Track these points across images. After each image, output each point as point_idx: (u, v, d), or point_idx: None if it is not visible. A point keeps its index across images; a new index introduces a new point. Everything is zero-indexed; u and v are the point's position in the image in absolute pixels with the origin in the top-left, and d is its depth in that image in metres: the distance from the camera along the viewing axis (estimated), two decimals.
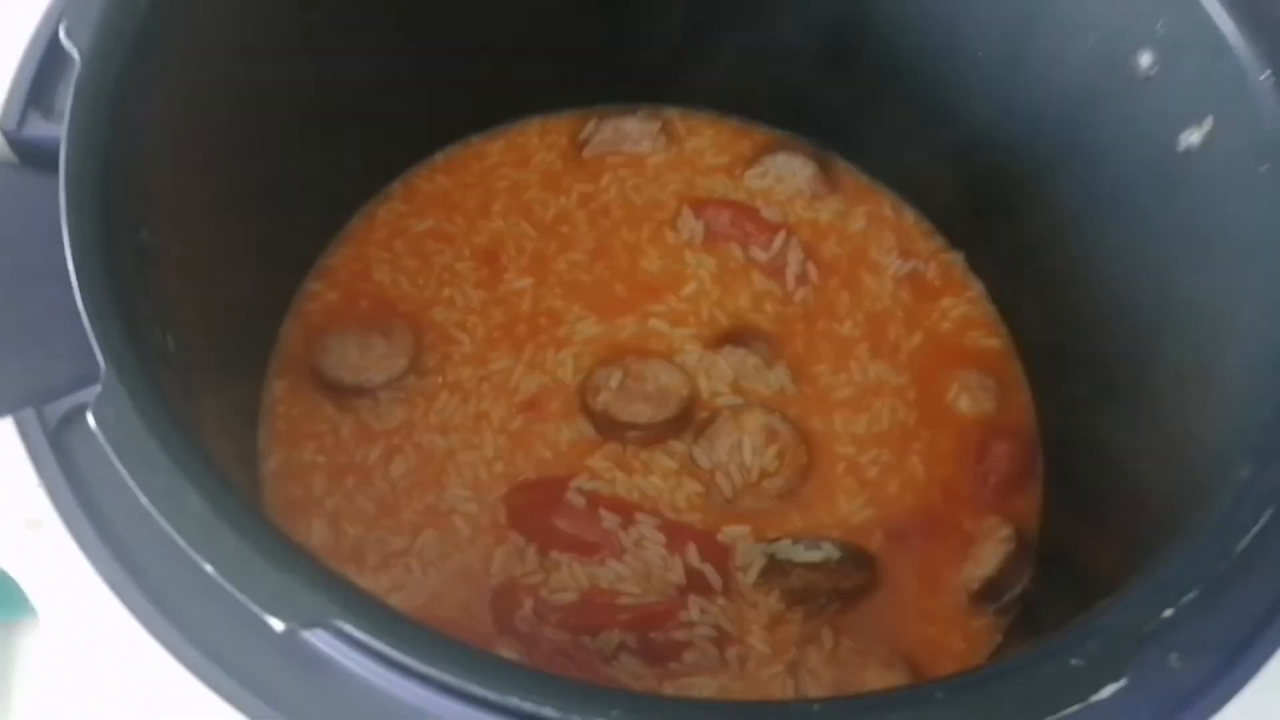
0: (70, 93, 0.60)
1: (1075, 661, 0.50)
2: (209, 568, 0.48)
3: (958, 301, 1.00)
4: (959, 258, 1.02)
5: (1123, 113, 0.79)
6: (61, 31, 0.62)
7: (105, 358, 0.52)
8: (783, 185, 1.04)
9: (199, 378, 0.71)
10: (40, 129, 0.63)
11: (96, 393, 0.52)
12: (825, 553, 0.85)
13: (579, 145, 1.05)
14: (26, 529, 0.53)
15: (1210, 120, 0.71)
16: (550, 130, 1.06)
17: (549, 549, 0.85)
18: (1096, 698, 0.49)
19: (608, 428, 0.90)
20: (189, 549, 0.48)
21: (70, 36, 0.62)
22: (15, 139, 0.66)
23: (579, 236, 1.00)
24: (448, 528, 0.86)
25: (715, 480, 0.89)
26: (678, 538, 0.86)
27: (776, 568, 0.85)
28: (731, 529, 0.87)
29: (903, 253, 1.02)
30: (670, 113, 1.08)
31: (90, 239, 0.56)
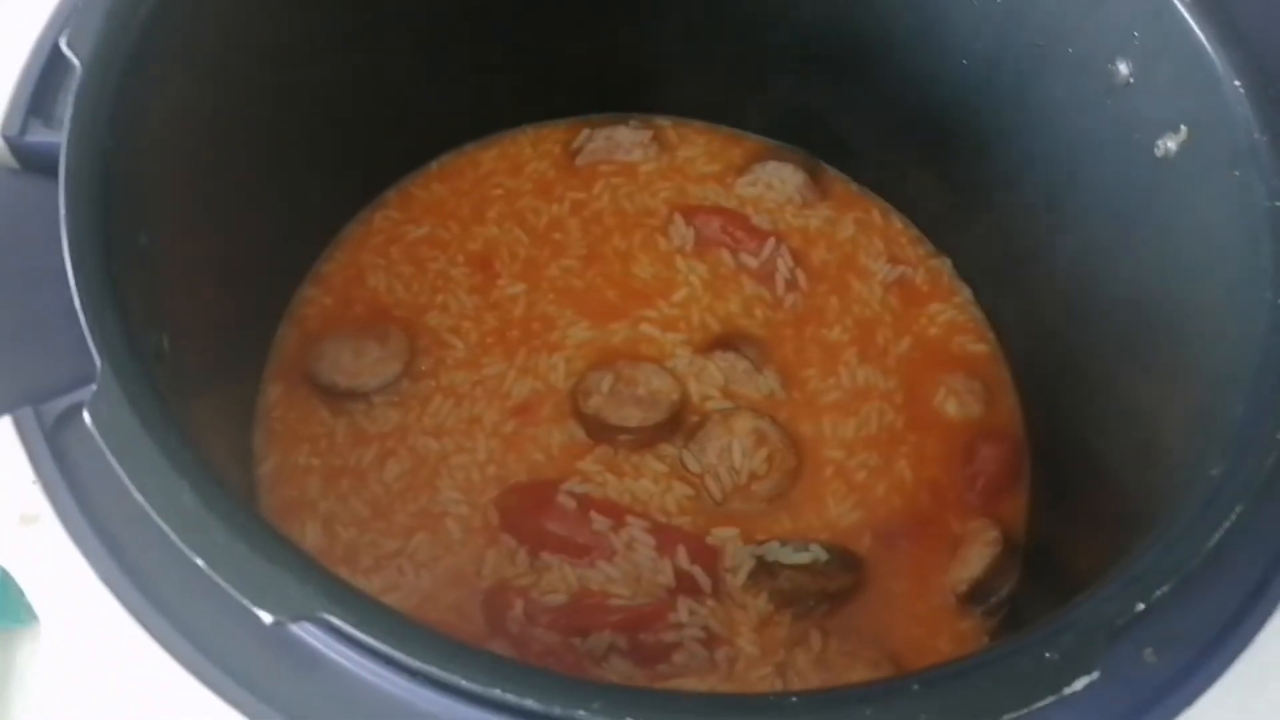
0: (71, 100, 0.62)
1: (1049, 654, 0.51)
2: (200, 562, 0.49)
3: (945, 306, 1.02)
4: (946, 263, 1.03)
5: (1103, 120, 0.80)
6: (63, 41, 0.64)
7: (102, 357, 0.54)
8: (773, 193, 1.05)
9: (195, 379, 0.72)
10: (41, 135, 0.65)
11: (92, 391, 0.53)
12: (813, 555, 0.86)
13: (572, 154, 1.06)
14: (22, 524, 0.55)
15: (1185, 128, 0.72)
16: (544, 139, 1.08)
17: (540, 551, 0.86)
18: (1069, 690, 0.50)
19: (599, 431, 0.91)
20: (181, 543, 0.49)
21: (71, 46, 0.63)
22: (17, 145, 0.68)
23: (571, 243, 1.02)
24: (440, 530, 0.87)
25: (705, 483, 0.90)
26: (667, 540, 0.87)
27: (765, 569, 0.86)
28: (721, 531, 0.88)
29: (891, 259, 1.03)
30: (662, 122, 1.10)
31: (88, 242, 0.57)
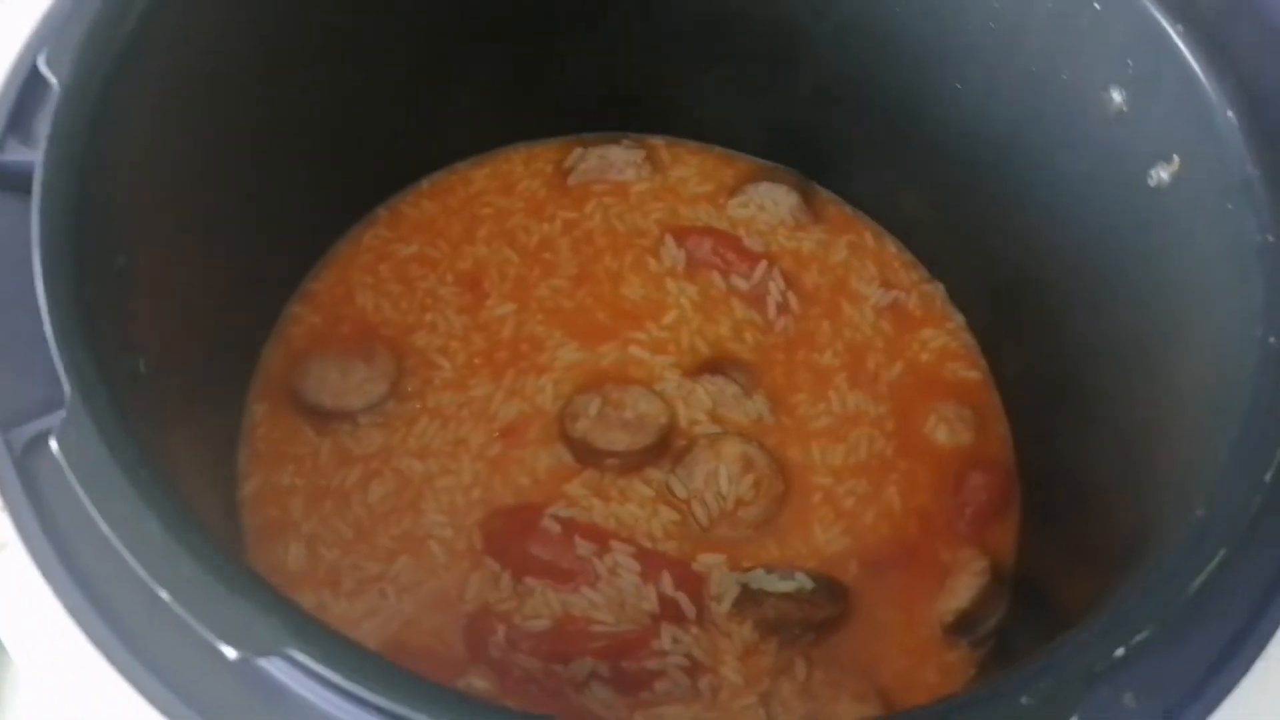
0: (48, 120, 0.61)
1: (1025, 700, 0.50)
2: (165, 594, 0.48)
3: (938, 333, 1.01)
4: (940, 289, 1.03)
5: (1097, 148, 0.80)
6: (41, 60, 0.63)
7: (71, 383, 0.53)
8: (765, 214, 1.05)
9: (175, 400, 0.72)
10: (18, 154, 0.64)
11: (61, 418, 0.52)
12: (798, 583, 0.85)
13: (564, 173, 1.06)
14: None
15: (1178, 158, 0.71)
16: (536, 158, 1.07)
17: (523, 576, 0.85)
18: None
19: (586, 455, 0.91)
20: (146, 575, 0.48)
21: (50, 65, 0.63)
22: None
23: (562, 263, 1.01)
24: (423, 553, 0.86)
25: (691, 509, 0.89)
26: (652, 566, 0.86)
27: (750, 597, 0.85)
28: (707, 558, 0.88)
29: (884, 283, 1.03)
30: (655, 141, 1.09)
31: (60, 263, 0.57)
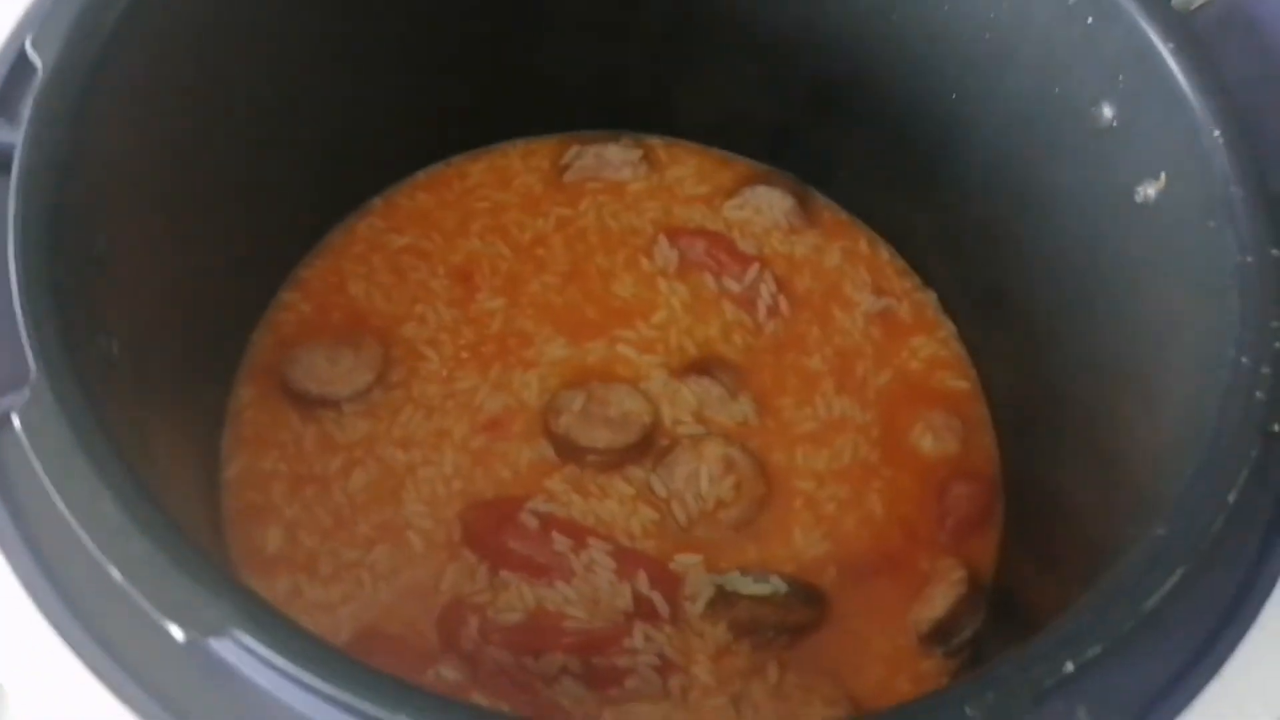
0: (31, 99, 0.62)
1: (970, 711, 0.50)
2: (116, 573, 0.49)
3: (928, 341, 1.00)
4: (932, 297, 1.02)
5: (1086, 162, 0.79)
6: (28, 43, 0.64)
7: (37, 361, 0.54)
8: (760, 217, 1.04)
9: (156, 382, 0.72)
10: (4, 135, 0.65)
11: (25, 396, 0.53)
12: (773, 587, 0.85)
13: (560, 169, 1.06)
14: None
15: (1164, 175, 0.71)
16: (533, 154, 1.07)
17: (499, 568, 0.86)
18: None
19: (568, 450, 0.91)
20: (98, 553, 0.49)
21: (36, 47, 0.64)
22: None
23: (554, 259, 1.01)
24: (401, 542, 0.87)
25: (671, 508, 0.89)
26: (628, 564, 0.86)
27: (724, 599, 0.85)
28: (684, 558, 0.88)
29: (876, 289, 1.02)
30: (654, 141, 1.09)
31: (35, 243, 0.57)
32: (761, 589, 0.85)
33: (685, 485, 0.89)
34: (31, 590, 0.53)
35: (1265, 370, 0.60)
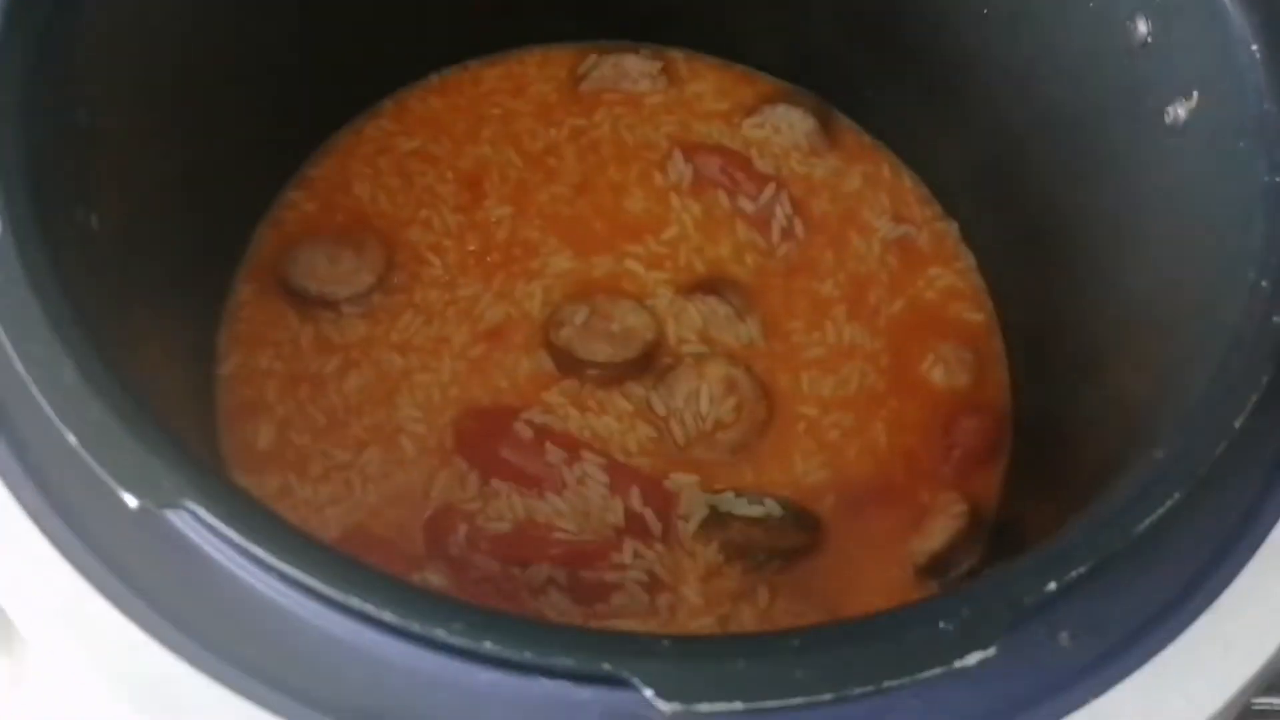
0: None
1: (944, 625, 0.48)
2: (71, 438, 0.48)
3: (945, 271, 0.97)
4: (953, 227, 0.99)
5: (1119, 81, 0.75)
6: None
7: (4, 221, 0.52)
8: (780, 137, 1.01)
9: (144, 265, 0.71)
10: None
11: None
12: (767, 509, 0.84)
13: (577, 79, 1.03)
14: None
15: (1196, 94, 0.67)
16: (550, 62, 1.04)
17: (491, 477, 0.84)
18: (960, 664, 0.47)
19: (567, 364, 0.89)
20: (54, 417, 0.48)
21: None
22: None
23: (565, 170, 0.98)
24: (393, 446, 0.86)
25: (669, 426, 0.87)
26: (622, 480, 0.85)
27: (717, 519, 0.84)
28: (679, 477, 0.86)
29: (896, 216, 0.99)
30: (674, 54, 1.05)
31: (12, 104, 0.56)
32: (755, 511, 0.83)
33: (685, 404, 0.88)
34: None
35: None
